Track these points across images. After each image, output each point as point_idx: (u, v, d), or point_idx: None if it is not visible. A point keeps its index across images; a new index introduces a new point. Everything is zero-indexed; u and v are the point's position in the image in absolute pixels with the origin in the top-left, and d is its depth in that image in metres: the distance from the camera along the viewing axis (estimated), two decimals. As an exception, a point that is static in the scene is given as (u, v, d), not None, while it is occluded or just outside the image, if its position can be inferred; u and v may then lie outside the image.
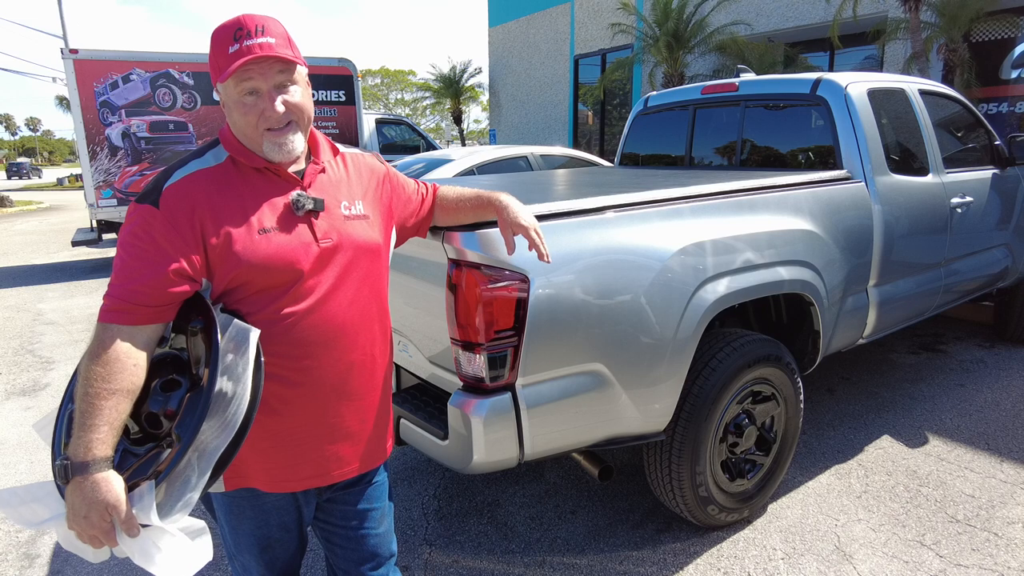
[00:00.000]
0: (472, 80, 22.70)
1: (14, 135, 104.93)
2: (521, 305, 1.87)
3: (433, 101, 27.92)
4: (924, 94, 3.60)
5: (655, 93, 4.29)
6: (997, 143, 4.05)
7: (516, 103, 18.00)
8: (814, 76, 3.26)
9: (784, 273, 2.52)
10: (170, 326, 1.26)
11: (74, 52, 8.19)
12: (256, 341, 1.21)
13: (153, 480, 1.14)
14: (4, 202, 20.14)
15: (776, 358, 2.54)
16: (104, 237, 9.03)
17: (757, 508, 2.71)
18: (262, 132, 1.28)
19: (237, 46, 1.23)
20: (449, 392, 2.03)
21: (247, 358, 1.19)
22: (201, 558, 1.15)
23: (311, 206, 1.32)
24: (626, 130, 4.48)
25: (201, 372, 1.20)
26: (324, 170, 1.41)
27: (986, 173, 3.86)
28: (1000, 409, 3.69)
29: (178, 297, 1.22)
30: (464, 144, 24.01)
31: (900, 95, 3.42)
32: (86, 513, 1.10)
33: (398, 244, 1.64)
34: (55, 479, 1.16)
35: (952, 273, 3.60)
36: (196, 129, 8.93)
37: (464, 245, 1.83)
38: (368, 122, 11.57)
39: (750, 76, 3.78)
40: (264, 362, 1.25)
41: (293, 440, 1.36)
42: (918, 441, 3.35)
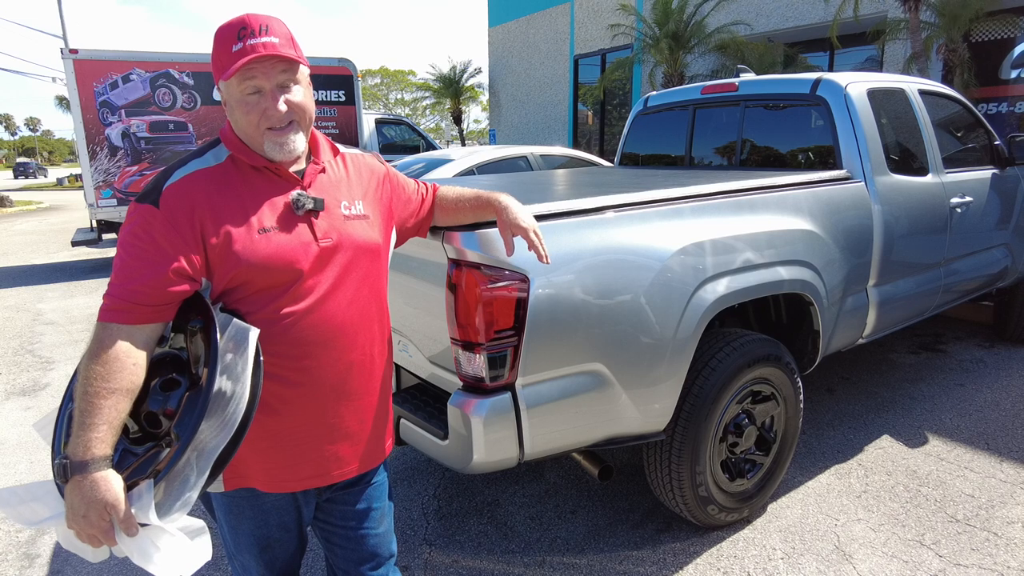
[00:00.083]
0: (472, 80, 22.72)
1: (14, 135, 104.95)
2: (521, 305, 1.87)
3: (433, 101, 27.94)
4: (924, 94, 3.60)
5: (655, 93, 4.29)
6: (997, 143, 4.05)
7: (516, 103, 18.00)
8: (814, 76, 3.26)
9: (784, 273, 2.52)
10: (170, 326, 1.26)
11: (74, 52, 8.19)
12: (255, 340, 1.21)
13: (152, 479, 1.14)
14: (4, 202, 20.14)
15: (776, 358, 2.54)
16: (104, 237, 9.02)
17: (757, 508, 2.71)
18: (263, 131, 1.28)
19: (241, 45, 1.23)
20: (449, 392, 2.03)
21: (246, 357, 1.19)
22: (200, 557, 1.15)
23: (311, 205, 1.32)
24: (626, 130, 4.48)
25: (200, 371, 1.20)
26: (324, 170, 1.41)
27: (986, 173, 3.86)
28: (1000, 409, 3.69)
29: (178, 296, 1.23)
30: (464, 144, 24.01)
31: (900, 95, 3.42)
32: (85, 512, 1.10)
33: (398, 244, 1.64)
34: (54, 478, 1.16)
35: (952, 273, 3.60)
36: (196, 129, 8.93)
37: (464, 245, 1.83)
38: (368, 122, 11.57)
39: (750, 76, 3.78)
40: (263, 361, 1.25)
41: (292, 440, 1.36)
42: (918, 441, 3.35)
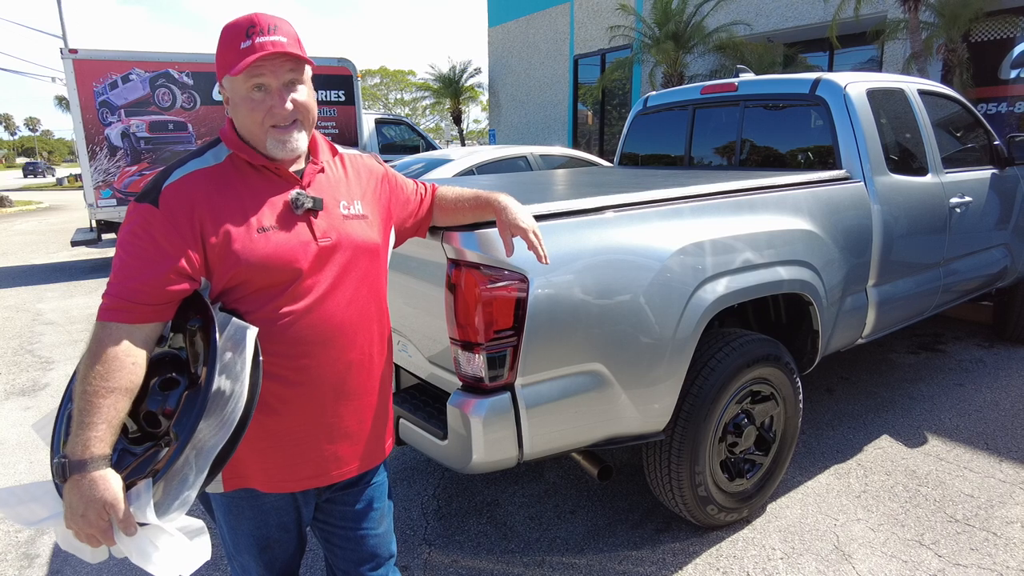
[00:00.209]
0: (472, 80, 22.71)
1: (13, 135, 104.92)
2: (520, 305, 1.87)
3: (432, 101, 27.92)
4: (923, 94, 3.60)
5: (654, 93, 4.29)
6: (996, 143, 4.05)
7: (516, 103, 18.00)
8: (813, 76, 3.26)
9: (783, 273, 2.52)
10: (169, 325, 1.26)
11: (73, 52, 8.18)
12: (254, 339, 1.21)
13: (150, 478, 1.14)
14: (4, 202, 20.13)
15: (775, 358, 2.54)
16: (103, 237, 9.02)
17: (756, 508, 2.71)
18: (267, 129, 1.29)
19: (249, 42, 1.25)
20: (448, 392, 2.03)
21: (245, 356, 1.19)
22: (199, 557, 1.15)
23: (310, 205, 1.32)
24: (625, 130, 4.48)
25: (199, 370, 1.20)
26: (323, 170, 1.41)
27: (985, 173, 3.86)
28: (999, 409, 3.69)
29: (177, 296, 1.23)
30: (463, 144, 24.00)
31: (899, 95, 3.42)
32: (83, 511, 1.10)
33: (397, 244, 1.64)
34: (53, 477, 1.15)
35: (951, 273, 3.60)
36: (195, 129, 8.93)
37: (463, 245, 1.83)
38: (368, 122, 11.57)
39: (749, 76, 3.78)
40: (262, 361, 1.25)
41: (292, 440, 1.36)
42: (917, 441, 3.35)
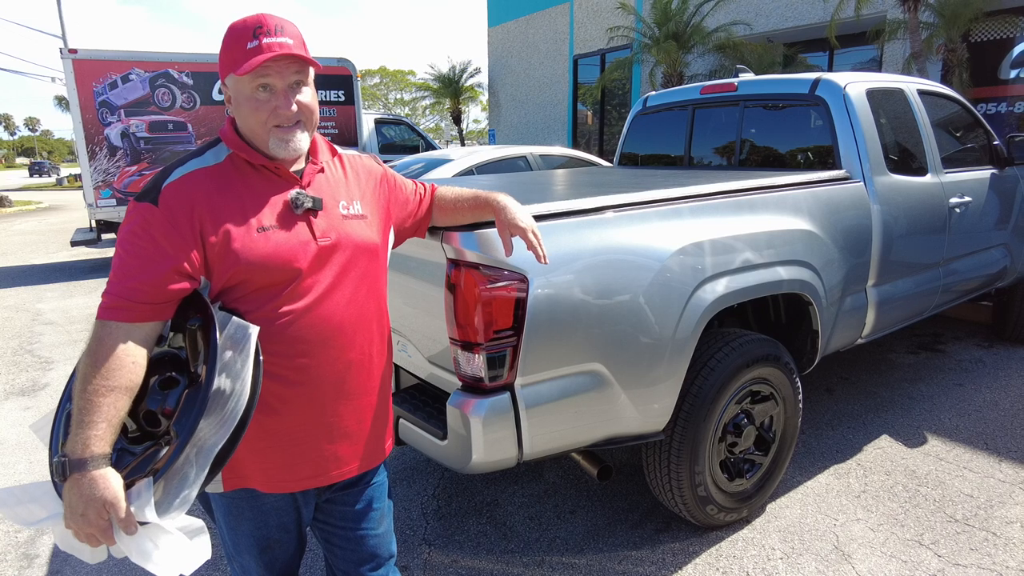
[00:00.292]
0: (471, 80, 22.69)
1: (13, 135, 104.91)
2: (520, 305, 1.87)
3: (432, 101, 27.89)
4: (923, 94, 3.60)
5: (654, 93, 4.29)
6: (996, 143, 4.05)
7: (515, 103, 18.00)
8: (813, 76, 3.26)
9: (783, 273, 2.52)
10: (168, 325, 1.26)
11: (73, 52, 8.18)
12: (256, 338, 1.21)
13: (151, 477, 1.14)
14: (3, 202, 20.10)
15: (775, 358, 2.54)
16: (103, 237, 9.01)
17: (756, 508, 2.71)
18: (270, 128, 1.29)
19: (256, 43, 1.25)
20: (448, 392, 2.03)
21: (246, 355, 1.19)
22: (199, 556, 1.15)
23: (310, 204, 1.33)
24: (625, 130, 4.48)
25: (199, 370, 1.20)
26: (323, 170, 1.41)
27: (984, 173, 3.86)
28: (999, 409, 3.69)
29: (177, 295, 1.23)
30: (463, 144, 23.99)
31: (899, 95, 3.42)
32: (83, 511, 1.09)
33: (396, 245, 1.64)
34: (52, 476, 1.15)
35: (951, 273, 3.60)
36: (195, 129, 8.93)
37: (463, 245, 1.83)
38: (367, 122, 11.57)
39: (749, 76, 3.78)
40: (263, 360, 1.25)
41: (291, 440, 1.36)
42: (917, 441, 3.35)
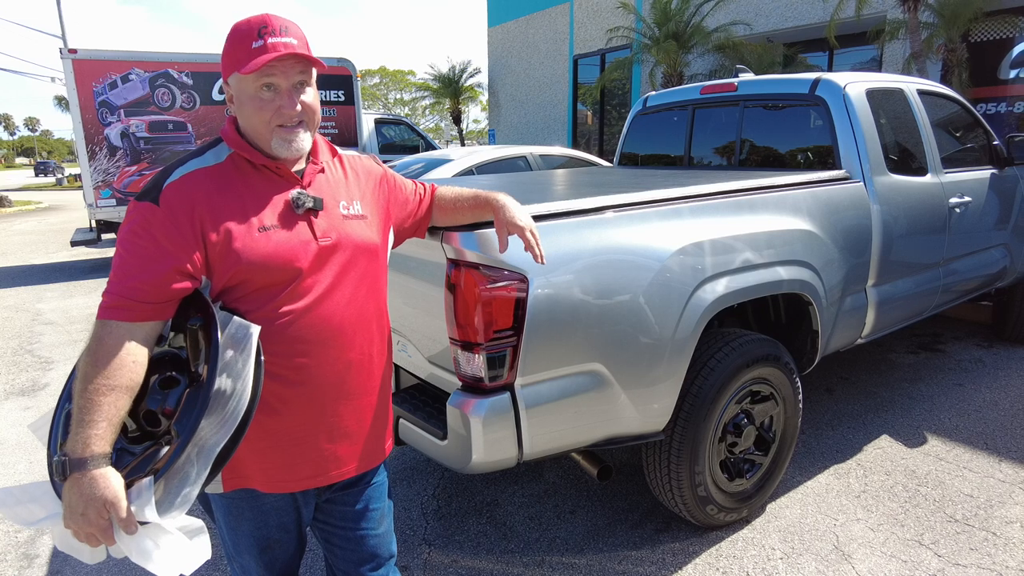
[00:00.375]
0: (471, 80, 22.70)
1: (13, 135, 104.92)
2: (520, 305, 1.87)
3: (432, 101, 27.89)
4: (923, 94, 3.60)
5: (654, 93, 4.29)
6: (995, 143, 4.05)
7: (515, 103, 18.00)
8: (813, 76, 3.26)
9: (783, 273, 2.52)
10: (168, 325, 1.26)
11: (73, 52, 8.18)
12: (257, 337, 1.21)
13: (151, 477, 1.14)
14: (3, 202, 20.09)
15: (775, 358, 2.54)
16: (103, 237, 9.01)
17: (756, 508, 2.71)
18: (273, 128, 1.30)
19: (261, 42, 1.26)
20: (448, 392, 2.03)
21: (247, 354, 1.19)
22: (200, 556, 1.15)
23: (311, 204, 1.33)
24: (625, 130, 4.48)
25: (200, 369, 1.20)
26: (323, 170, 1.42)
27: (984, 173, 3.86)
28: (998, 409, 3.69)
29: (178, 294, 1.23)
30: (463, 144, 23.98)
31: (899, 95, 3.42)
32: (83, 510, 1.09)
33: (396, 245, 1.64)
34: (52, 476, 1.15)
35: (950, 273, 3.60)
36: (195, 129, 8.93)
37: (463, 245, 1.83)
38: (367, 122, 11.57)
39: (749, 76, 3.78)
40: (263, 360, 1.25)
41: (291, 440, 1.36)
42: (917, 441, 3.35)
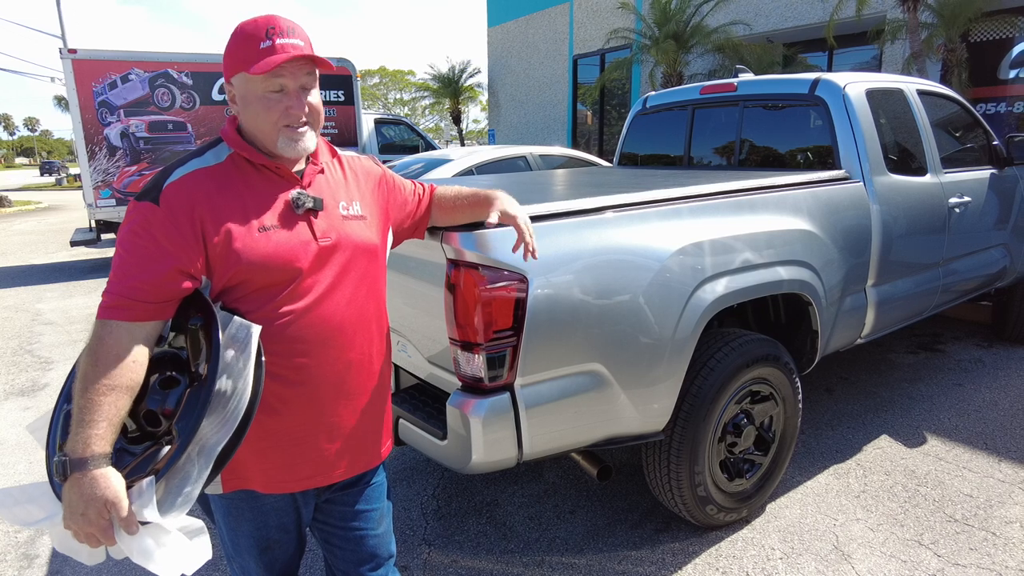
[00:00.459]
0: (471, 80, 22.69)
1: (12, 135, 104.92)
2: (520, 305, 1.87)
3: (432, 101, 27.89)
4: (922, 94, 3.60)
5: (654, 93, 4.29)
6: (995, 143, 4.05)
7: (515, 103, 18.00)
8: (812, 76, 3.26)
9: (783, 273, 2.52)
10: (168, 325, 1.26)
11: (73, 52, 8.18)
12: (258, 337, 1.21)
13: (152, 477, 1.14)
14: (3, 202, 20.09)
15: (774, 358, 2.54)
16: (103, 237, 9.01)
17: (756, 508, 2.71)
18: (280, 128, 1.30)
19: (270, 43, 1.26)
20: (448, 392, 2.03)
21: (248, 354, 1.19)
22: (201, 556, 1.15)
23: (311, 204, 1.33)
24: (625, 130, 4.48)
25: (201, 369, 1.20)
26: (323, 171, 1.42)
27: (984, 173, 3.86)
28: (998, 409, 3.69)
29: (178, 294, 1.23)
30: (463, 144, 23.97)
31: (898, 95, 3.42)
32: (84, 510, 1.09)
33: (395, 245, 1.65)
34: (53, 476, 1.15)
35: (950, 273, 3.60)
36: (195, 129, 8.93)
37: (463, 245, 1.83)
38: (367, 122, 11.57)
39: (748, 76, 3.78)
40: (264, 360, 1.25)
41: (291, 440, 1.36)
42: (916, 441, 3.35)
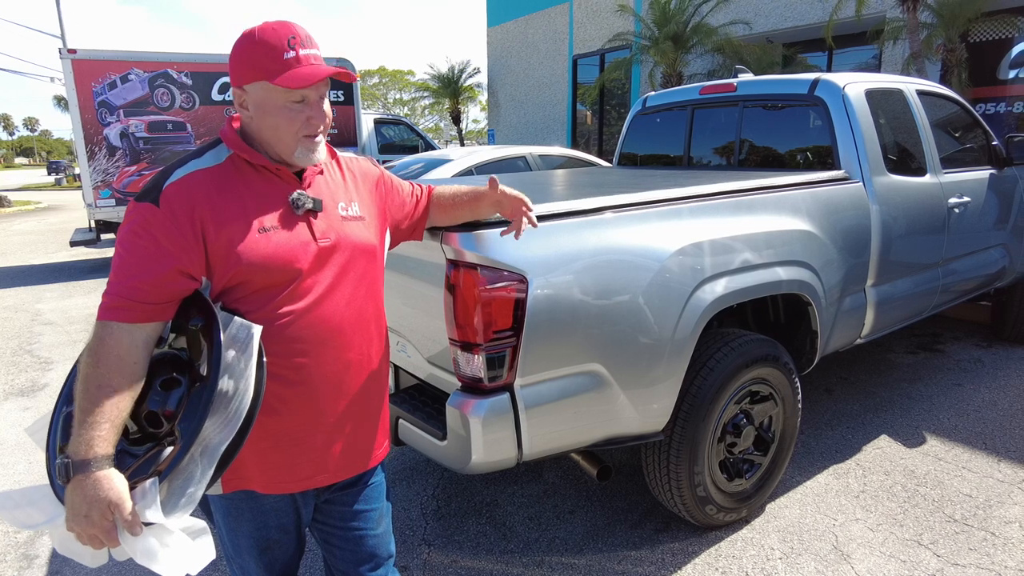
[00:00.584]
0: (471, 80, 22.67)
1: (12, 135, 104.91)
2: (519, 305, 1.87)
3: (431, 101, 27.88)
4: (922, 94, 3.60)
5: (653, 93, 4.29)
6: (995, 143, 4.05)
7: (515, 103, 18.00)
8: (812, 76, 3.26)
9: (782, 273, 2.52)
10: (169, 326, 1.26)
11: (72, 52, 8.18)
12: (259, 338, 1.21)
13: (155, 478, 1.14)
14: (2, 202, 20.07)
15: (774, 358, 2.54)
16: (102, 237, 9.01)
17: (755, 508, 2.72)
18: (300, 138, 1.31)
19: (293, 53, 1.26)
20: (447, 392, 2.03)
21: (249, 353, 1.19)
22: (204, 556, 1.15)
23: (310, 205, 1.33)
24: (624, 130, 4.48)
25: (202, 370, 1.21)
26: (322, 172, 1.42)
27: (983, 173, 3.86)
28: (997, 409, 3.70)
29: (178, 295, 1.23)
30: (463, 144, 23.95)
31: (898, 95, 3.43)
32: (87, 512, 1.09)
33: (392, 246, 1.65)
34: (55, 479, 1.15)
35: (950, 273, 3.60)
36: (194, 129, 8.93)
37: (462, 246, 1.84)
38: (367, 122, 11.57)
39: (748, 76, 3.78)
40: (265, 360, 1.25)
41: (291, 440, 1.36)
42: (916, 441, 3.36)
